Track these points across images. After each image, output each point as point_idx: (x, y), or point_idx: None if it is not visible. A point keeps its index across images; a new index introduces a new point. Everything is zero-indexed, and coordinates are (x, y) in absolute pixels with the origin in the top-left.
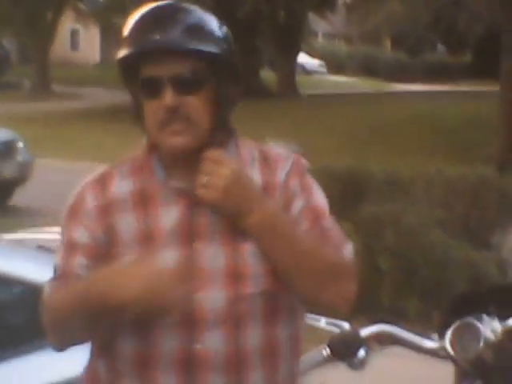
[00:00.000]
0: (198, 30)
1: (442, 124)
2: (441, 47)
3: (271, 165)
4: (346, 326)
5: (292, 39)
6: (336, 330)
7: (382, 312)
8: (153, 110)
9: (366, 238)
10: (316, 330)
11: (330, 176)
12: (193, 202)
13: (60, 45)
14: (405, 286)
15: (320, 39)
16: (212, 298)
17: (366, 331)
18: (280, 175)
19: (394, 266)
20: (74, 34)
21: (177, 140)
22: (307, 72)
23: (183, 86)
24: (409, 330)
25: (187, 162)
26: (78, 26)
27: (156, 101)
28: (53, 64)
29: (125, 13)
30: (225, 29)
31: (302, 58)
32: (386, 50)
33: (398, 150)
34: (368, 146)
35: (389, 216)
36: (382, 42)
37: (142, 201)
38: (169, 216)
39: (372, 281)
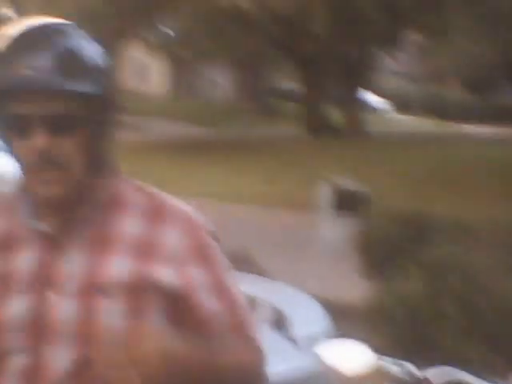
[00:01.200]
0: (74, 64)
1: (510, 168)
2: (510, 88)
3: (162, 219)
4: (410, 366)
5: (358, 77)
6: (400, 370)
7: (444, 357)
8: (22, 151)
9: (430, 280)
10: (378, 369)
11: (394, 217)
12: (55, 247)
13: (126, 75)
14: (469, 332)
15: (387, 77)
16: (58, 356)
17: (429, 373)
18: (170, 234)
19: (459, 311)
20: (142, 65)
21: (48, 190)
22: (373, 110)
23: (56, 126)
24: (473, 374)
25: (59, 205)
26: (146, 58)
27: (25, 142)
28: (120, 94)
29: (195, 46)
30: (105, 59)
31: (369, 96)
32: (454, 90)
33: (464, 192)
34: (432, 187)
35: (454, 259)
36: (450, 81)
37: (5, 243)
38: (27, 260)
39: (435, 325)
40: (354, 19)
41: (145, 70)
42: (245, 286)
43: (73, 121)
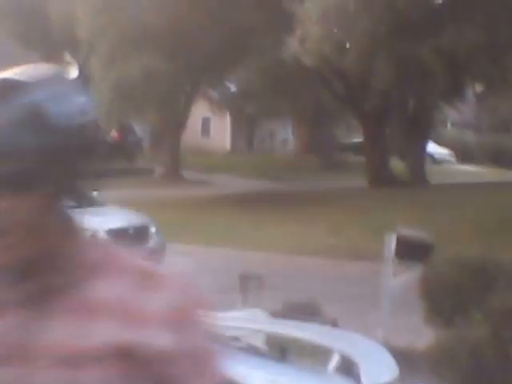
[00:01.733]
0: (32, 121)
1: None
2: None
3: (149, 285)
4: None
5: (421, 128)
6: None
7: None
8: None
9: (497, 327)
10: None
11: (461, 265)
12: (31, 316)
13: (191, 132)
14: None
15: (449, 128)
16: None
17: None
18: (157, 301)
19: None
20: (205, 121)
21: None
22: (436, 161)
23: (12, 185)
24: None
25: (24, 273)
26: (209, 114)
27: None
28: (184, 151)
29: (256, 101)
30: (85, 113)
31: (431, 148)
32: None
33: None
34: (497, 235)
35: None
36: None
37: None
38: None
39: (502, 371)
40: (416, 72)
41: (209, 128)
42: (315, 335)
43: (30, 180)
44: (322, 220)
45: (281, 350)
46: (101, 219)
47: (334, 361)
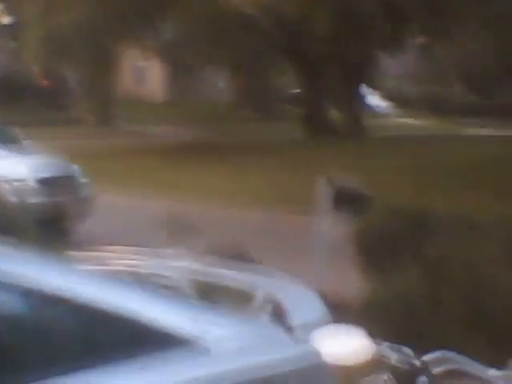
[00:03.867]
0: None
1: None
2: None
3: None
4: (408, 350)
5: (360, 79)
6: (398, 355)
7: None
8: None
9: (430, 276)
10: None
11: (394, 214)
12: None
13: (126, 81)
14: (471, 327)
15: (390, 80)
16: None
17: (428, 357)
18: None
19: (459, 306)
20: (139, 70)
21: None
22: (376, 113)
23: None
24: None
25: None
26: (144, 63)
27: None
28: (118, 100)
29: (191, 49)
30: None
31: (371, 99)
32: (457, 92)
33: (467, 191)
34: (434, 186)
35: (454, 255)
36: (454, 83)
37: None
38: None
39: (436, 320)
40: (357, 22)
41: (143, 77)
42: (240, 274)
43: None
44: (257, 170)
45: (204, 290)
46: (30, 168)
47: (260, 300)
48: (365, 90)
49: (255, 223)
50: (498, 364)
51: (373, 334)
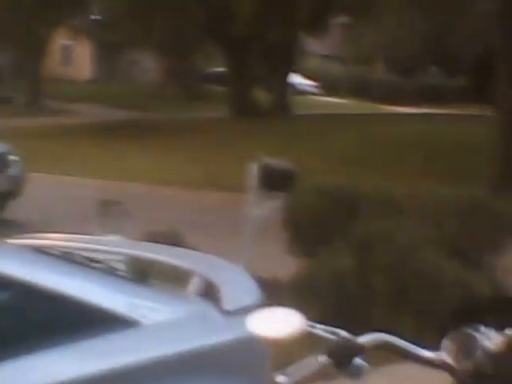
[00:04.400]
0: None
1: (436, 146)
2: (435, 70)
3: None
4: (344, 333)
5: (284, 59)
6: (333, 338)
7: (373, 329)
8: None
9: (358, 256)
10: (312, 336)
11: (322, 193)
12: None
13: (52, 60)
14: (397, 306)
15: (314, 60)
16: None
17: (363, 339)
18: None
19: (386, 285)
20: (66, 49)
21: None
22: (300, 92)
23: None
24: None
25: None
26: (70, 42)
27: None
28: (45, 79)
29: (120, 31)
30: None
31: (296, 79)
32: (380, 72)
33: (391, 170)
34: (360, 165)
35: (381, 235)
36: (376, 63)
37: None
38: None
39: (364, 299)
40: (280, 2)
41: (70, 56)
42: (175, 257)
43: None
44: (183, 150)
45: (141, 273)
46: None
47: (195, 283)
48: (289, 69)
49: (184, 202)
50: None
51: (305, 314)
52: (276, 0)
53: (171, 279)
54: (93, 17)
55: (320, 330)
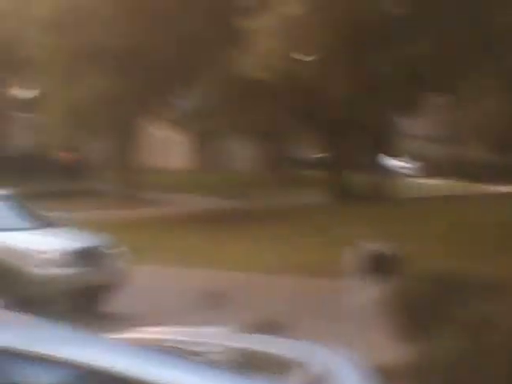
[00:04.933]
0: None
1: None
2: None
3: None
4: None
5: (380, 142)
6: None
7: None
8: None
9: (467, 339)
10: None
11: (427, 278)
12: None
13: (147, 151)
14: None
15: (411, 142)
16: None
17: None
18: None
19: (498, 369)
20: (161, 140)
21: None
22: (397, 175)
23: None
24: None
25: None
26: (165, 132)
27: None
28: (140, 170)
29: (212, 120)
30: None
31: (392, 161)
32: (477, 151)
33: (495, 250)
34: (461, 248)
35: (488, 318)
36: (473, 142)
37: None
38: None
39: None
40: (374, 86)
41: (166, 146)
42: (279, 348)
43: None
44: (282, 237)
45: (243, 364)
46: (56, 240)
47: (301, 374)
48: (385, 151)
49: (284, 290)
50: None
51: None
52: (370, 84)
53: (275, 369)
54: (186, 106)
55: None
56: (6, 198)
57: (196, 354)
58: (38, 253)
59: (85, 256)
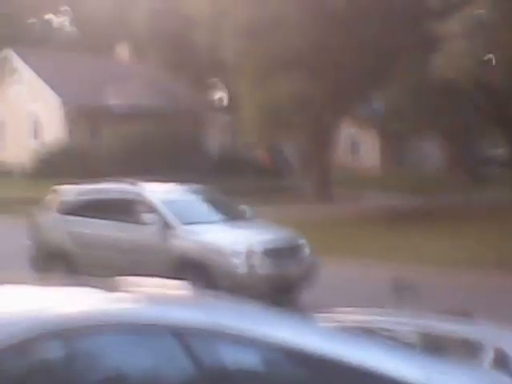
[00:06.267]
0: None
1: None
2: None
3: None
4: None
5: None
6: None
7: None
8: None
9: None
10: None
11: None
12: None
13: (340, 150)
14: None
15: None
16: None
17: None
18: None
19: None
20: (353, 139)
21: None
22: None
23: None
24: None
25: None
26: (357, 132)
27: None
28: (333, 168)
29: (402, 119)
30: None
31: None
32: None
33: None
34: None
35: None
36: None
37: None
38: None
39: None
40: None
41: (356, 144)
42: (468, 331)
43: None
44: (472, 233)
45: (434, 346)
46: (258, 240)
47: (490, 356)
48: None
49: (474, 284)
50: None
51: None
52: None
53: (459, 345)
54: (377, 106)
55: None
56: (210, 192)
57: (391, 336)
58: (240, 253)
59: (285, 256)
